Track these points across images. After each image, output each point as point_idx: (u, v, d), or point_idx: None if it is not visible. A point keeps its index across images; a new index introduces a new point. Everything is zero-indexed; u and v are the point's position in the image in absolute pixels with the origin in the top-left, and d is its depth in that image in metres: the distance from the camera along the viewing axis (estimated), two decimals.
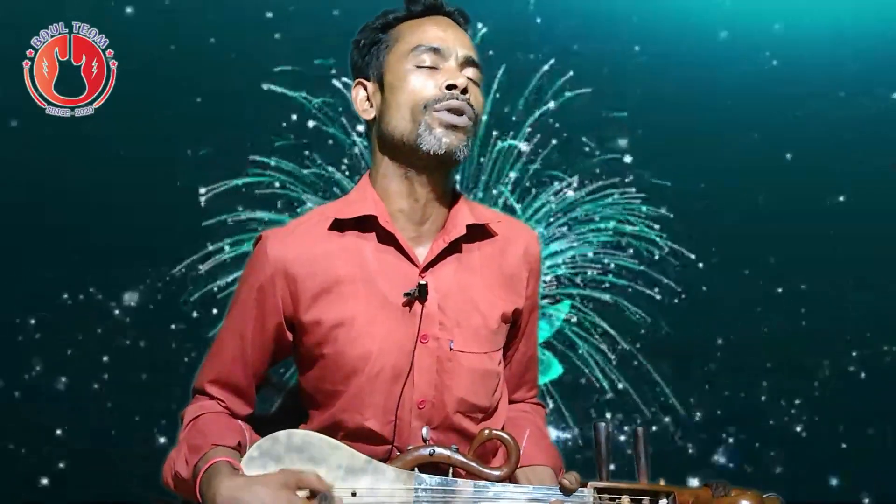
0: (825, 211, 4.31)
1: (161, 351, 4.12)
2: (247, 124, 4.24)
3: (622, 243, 4.39)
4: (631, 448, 1.33)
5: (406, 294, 1.45)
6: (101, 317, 4.16)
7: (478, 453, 1.38)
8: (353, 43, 1.59)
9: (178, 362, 3.99)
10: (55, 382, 4.09)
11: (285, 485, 1.29)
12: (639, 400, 4.29)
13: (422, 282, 1.45)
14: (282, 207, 4.29)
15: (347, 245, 1.48)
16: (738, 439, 4.32)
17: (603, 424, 1.33)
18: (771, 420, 4.30)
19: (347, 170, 4.38)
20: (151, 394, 3.97)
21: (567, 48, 4.36)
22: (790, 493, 1.38)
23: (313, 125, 4.33)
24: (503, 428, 1.54)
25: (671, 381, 4.30)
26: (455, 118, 1.44)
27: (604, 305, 4.37)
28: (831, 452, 4.21)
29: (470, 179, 4.44)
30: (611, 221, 4.40)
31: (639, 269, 4.36)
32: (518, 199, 4.44)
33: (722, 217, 4.30)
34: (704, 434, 4.32)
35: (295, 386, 1.59)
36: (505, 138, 4.42)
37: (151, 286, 4.20)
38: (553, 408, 4.25)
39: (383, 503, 1.33)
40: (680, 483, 1.32)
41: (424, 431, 1.43)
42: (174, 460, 1.44)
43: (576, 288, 4.40)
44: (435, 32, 1.50)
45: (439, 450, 1.37)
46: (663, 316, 4.33)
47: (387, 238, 1.48)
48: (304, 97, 4.28)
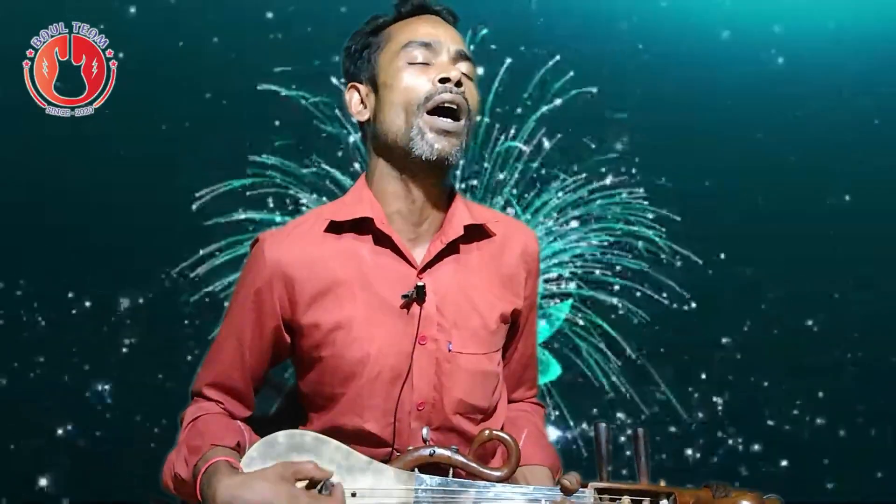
0: (828, 211, 4.30)
1: (161, 351, 4.12)
2: (247, 124, 4.23)
3: (623, 243, 4.39)
4: (631, 449, 1.33)
5: (404, 296, 1.45)
6: (101, 317, 4.16)
7: (477, 454, 1.38)
8: (345, 50, 1.59)
9: (178, 362, 3.98)
10: (55, 382, 4.09)
11: (284, 477, 1.29)
12: (639, 400, 4.29)
13: (420, 283, 1.45)
14: (279, 207, 4.29)
15: (345, 247, 1.48)
16: (739, 440, 4.31)
17: (603, 425, 1.33)
18: (771, 421, 4.30)
19: (347, 170, 4.37)
20: (151, 394, 3.97)
21: (569, 47, 4.36)
22: (791, 494, 1.38)
23: (314, 125, 4.33)
24: (503, 428, 1.54)
25: (672, 382, 4.30)
26: (447, 123, 1.43)
27: (605, 305, 4.37)
28: (832, 453, 4.21)
29: (471, 178, 4.44)
30: (612, 221, 4.39)
31: (640, 269, 4.36)
32: (518, 199, 4.44)
33: (724, 217, 4.29)
34: (705, 434, 4.31)
35: (294, 387, 1.59)
36: (506, 138, 4.42)
37: (151, 286, 4.20)
38: (553, 408, 4.24)
39: (384, 503, 1.33)
40: (680, 484, 1.32)
41: (425, 432, 1.42)
42: (173, 462, 1.44)
43: (576, 288, 4.40)
44: (425, 29, 1.50)
45: (439, 450, 1.37)
46: (664, 316, 4.33)
47: (384, 240, 1.48)
48: (304, 97, 4.28)
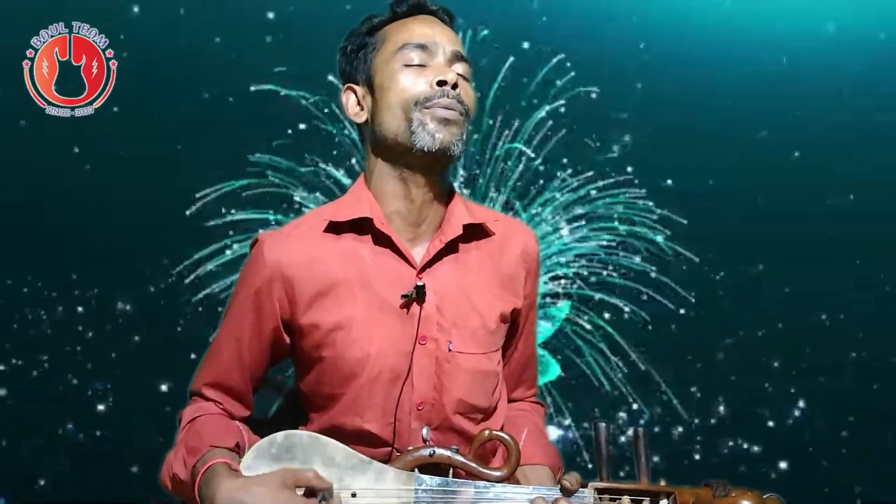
0: (828, 211, 4.30)
1: (161, 351, 4.11)
2: (247, 124, 4.23)
3: (625, 243, 4.39)
4: (631, 449, 1.33)
5: (404, 296, 1.44)
6: (101, 317, 4.15)
7: (478, 454, 1.38)
8: (340, 50, 1.59)
9: (179, 363, 3.97)
10: (55, 382, 4.09)
11: (284, 484, 1.28)
12: (640, 400, 4.29)
13: (419, 283, 1.44)
14: (279, 207, 4.29)
15: (344, 248, 1.48)
16: (739, 439, 4.31)
17: (603, 425, 1.33)
18: (771, 422, 4.30)
19: (347, 170, 4.37)
20: (152, 394, 3.97)
21: (572, 47, 4.36)
22: (791, 494, 1.37)
23: (314, 125, 4.33)
24: (502, 428, 1.53)
25: (672, 382, 4.30)
26: (447, 112, 1.43)
27: (605, 305, 4.37)
28: (832, 452, 4.21)
29: (471, 177, 4.43)
30: (613, 221, 4.39)
31: (641, 269, 4.36)
32: (518, 198, 4.43)
33: (725, 217, 4.29)
34: (705, 434, 4.31)
35: (294, 387, 1.59)
36: (508, 138, 4.41)
37: (151, 286, 4.19)
38: (553, 408, 4.24)
39: (383, 503, 1.33)
40: (680, 483, 1.32)
41: (425, 432, 1.42)
42: (172, 462, 1.43)
43: (577, 288, 4.40)
44: (421, 30, 1.50)
45: (440, 450, 1.36)
46: (664, 316, 4.32)
47: (383, 240, 1.47)
48: (304, 96, 4.28)
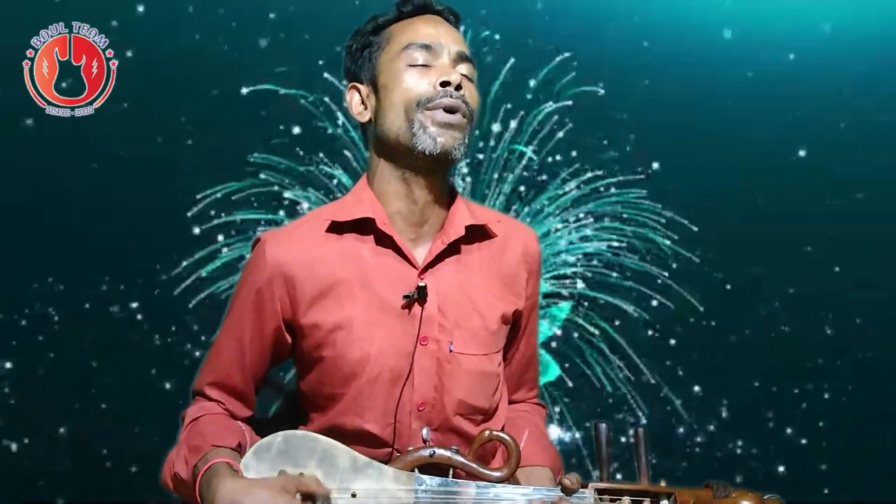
0: (828, 211, 4.29)
1: (161, 351, 4.11)
2: (247, 124, 4.22)
3: (627, 243, 4.38)
4: (632, 449, 1.33)
5: (405, 296, 1.44)
6: (101, 317, 4.15)
7: (478, 454, 1.38)
8: (346, 48, 1.59)
9: (179, 363, 3.98)
10: (55, 382, 4.09)
11: (285, 489, 1.28)
12: (640, 401, 4.29)
13: (421, 283, 1.44)
14: (280, 207, 4.29)
15: (345, 248, 1.48)
16: (740, 440, 4.31)
17: (603, 425, 1.33)
18: (772, 423, 4.30)
19: (348, 169, 4.37)
20: (152, 394, 3.96)
21: (574, 46, 4.35)
22: (791, 494, 1.38)
23: (314, 125, 4.33)
24: (503, 429, 1.53)
25: (673, 382, 4.30)
26: (449, 116, 1.43)
27: (606, 305, 4.37)
28: (832, 453, 4.21)
29: (472, 177, 4.44)
30: (615, 221, 4.39)
31: (642, 270, 4.36)
32: (519, 198, 4.43)
33: (727, 217, 4.28)
34: (706, 435, 4.31)
35: (295, 388, 1.59)
36: (509, 138, 4.41)
37: (152, 286, 4.19)
38: (553, 408, 4.24)
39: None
40: (680, 484, 1.32)
41: (425, 432, 1.43)
42: (173, 461, 1.44)
43: (577, 288, 4.39)
44: (426, 30, 1.50)
45: (440, 451, 1.36)
46: (665, 316, 4.32)
47: (385, 240, 1.48)
48: (303, 95, 4.28)
